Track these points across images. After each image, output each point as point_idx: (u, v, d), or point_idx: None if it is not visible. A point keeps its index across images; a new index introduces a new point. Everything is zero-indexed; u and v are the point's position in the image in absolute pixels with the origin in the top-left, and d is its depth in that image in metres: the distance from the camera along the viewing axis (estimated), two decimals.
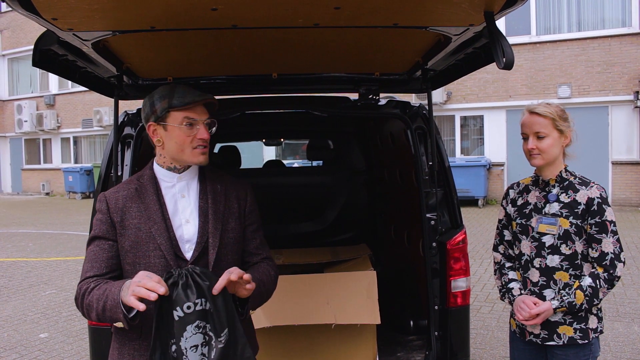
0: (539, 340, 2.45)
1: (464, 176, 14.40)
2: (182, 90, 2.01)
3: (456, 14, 2.01)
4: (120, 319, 1.79)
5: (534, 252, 2.44)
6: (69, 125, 23.40)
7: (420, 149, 3.20)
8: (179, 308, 1.74)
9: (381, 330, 3.34)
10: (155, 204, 2.02)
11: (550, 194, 2.44)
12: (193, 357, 1.74)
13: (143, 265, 1.96)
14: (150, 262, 1.96)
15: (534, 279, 2.45)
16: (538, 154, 2.41)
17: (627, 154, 14.24)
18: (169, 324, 1.74)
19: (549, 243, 2.40)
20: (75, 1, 1.73)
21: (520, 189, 2.59)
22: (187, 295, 1.75)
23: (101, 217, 2.02)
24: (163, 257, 1.96)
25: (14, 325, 5.93)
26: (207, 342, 1.76)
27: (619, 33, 14.23)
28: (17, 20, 23.41)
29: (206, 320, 1.77)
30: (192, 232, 2.04)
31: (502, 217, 2.64)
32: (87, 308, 1.91)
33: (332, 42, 2.48)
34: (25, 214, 17.12)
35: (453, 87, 15.48)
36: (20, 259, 9.66)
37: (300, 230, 5.14)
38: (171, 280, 1.76)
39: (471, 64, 2.69)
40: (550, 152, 2.40)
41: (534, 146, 2.40)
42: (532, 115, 2.42)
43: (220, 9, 1.89)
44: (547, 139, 2.39)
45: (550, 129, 2.39)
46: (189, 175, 2.11)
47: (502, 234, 2.65)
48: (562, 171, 2.45)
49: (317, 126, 5.13)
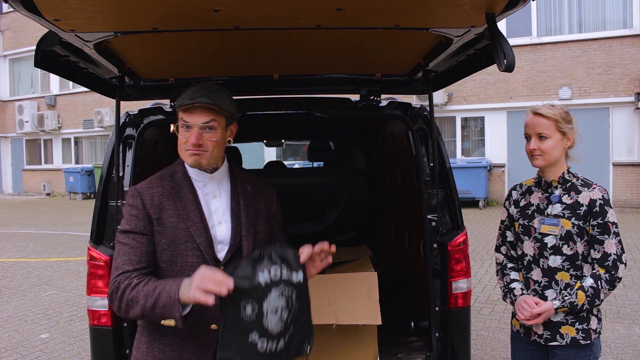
0: (542, 340, 2.46)
1: (464, 177, 14.41)
2: (191, 91, 1.99)
3: (457, 16, 2.02)
4: (174, 317, 1.81)
5: (537, 253, 2.45)
6: (69, 125, 23.42)
7: (421, 150, 3.20)
8: (267, 271, 1.81)
9: (382, 331, 3.34)
10: (192, 203, 2.04)
11: (553, 195, 2.45)
12: (273, 319, 1.82)
13: (180, 264, 1.98)
14: (187, 261, 1.98)
15: (537, 279, 2.47)
16: (540, 155, 2.42)
17: (628, 155, 14.24)
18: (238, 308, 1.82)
19: (551, 244, 2.41)
20: (78, 2, 1.73)
21: (523, 190, 2.61)
22: (274, 261, 1.84)
23: (136, 212, 2.00)
24: (202, 257, 1.99)
25: (15, 326, 5.94)
26: (288, 307, 1.85)
27: (620, 34, 14.23)
28: (19, 21, 23.44)
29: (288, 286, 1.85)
30: (224, 233, 2.06)
31: (505, 218, 2.66)
32: (129, 303, 1.89)
33: (334, 43, 2.49)
34: (26, 214, 17.13)
35: (454, 88, 15.48)
36: (21, 260, 9.67)
37: (301, 231, 5.14)
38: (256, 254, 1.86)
39: (472, 65, 2.69)
40: (551, 153, 2.41)
41: (536, 147, 2.42)
42: (536, 116, 2.43)
43: (222, 10, 1.89)
44: (549, 140, 2.40)
45: (552, 131, 2.40)
46: (220, 175, 2.13)
47: (504, 234, 2.66)
48: (564, 173, 2.46)
49: (318, 127, 5.13)
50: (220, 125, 2.02)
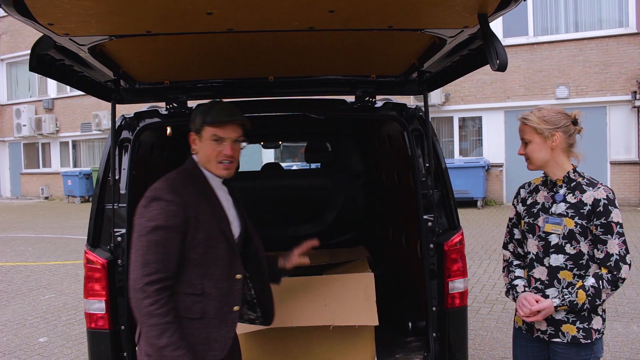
0: (546, 336, 2.47)
1: (462, 177, 14.42)
2: (218, 109, 2.26)
3: (450, 16, 2.03)
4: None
5: (541, 251, 2.47)
6: (67, 129, 23.39)
7: (417, 150, 3.21)
8: None
9: (379, 331, 3.34)
10: (218, 202, 2.30)
11: (557, 194, 2.47)
12: None
13: (212, 255, 2.23)
14: (218, 253, 2.24)
15: (540, 277, 2.48)
16: (527, 159, 2.51)
17: (626, 154, 14.26)
18: None
19: (554, 242, 2.43)
20: (71, 6, 1.74)
21: (530, 189, 2.63)
22: None
23: (175, 209, 2.14)
24: (231, 249, 2.28)
25: (13, 330, 5.93)
26: None
27: (617, 33, 14.25)
28: (16, 25, 23.40)
29: None
30: (237, 230, 2.38)
31: (513, 215, 2.68)
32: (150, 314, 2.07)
33: (328, 45, 2.49)
34: (24, 218, 17.11)
35: (451, 88, 15.49)
36: (20, 263, 9.66)
37: (298, 232, 5.14)
38: None
39: (466, 65, 2.71)
40: (535, 156, 2.47)
41: (523, 152, 2.51)
42: (520, 122, 2.51)
43: (215, 13, 1.90)
44: (530, 144, 2.47)
45: (532, 135, 2.46)
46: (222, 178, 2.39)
47: (512, 232, 2.68)
48: (569, 172, 2.48)
49: (315, 129, 5.14)
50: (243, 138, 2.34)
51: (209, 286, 2.23)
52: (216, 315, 2.25)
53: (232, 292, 2.30)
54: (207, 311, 2.23)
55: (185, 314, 2.19)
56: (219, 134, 2.24)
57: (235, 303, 2.31)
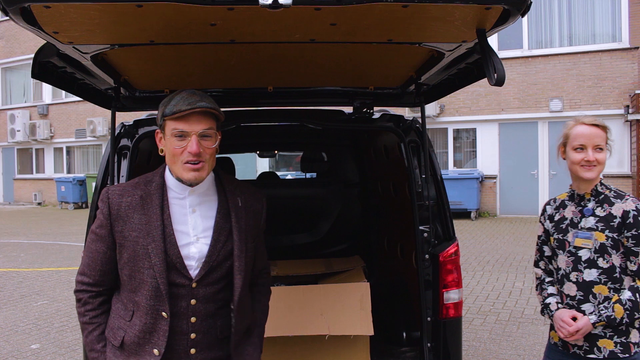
0: (582, 352, 2.43)
1: (456, 189, 14.47)
2: (179, 98, 1.87)
3: (449, 31, 2.06)
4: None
5: (570, 267, 2.45)
6: (62, 135, 23.34)
7: (414, 161, 3.24)
8: None
9: (374, 341, 3.35)
10: (157, 218, 1.90)
11: (586, 208, 2.45)
12: None
13: (137, 280, 1.90)
14: (143, 279, 1.89)
15: (571, 293, 2.45)
16: (595, 166, 2.41)
17: (618, 167, 14.37)
18: None
19: (586, 257, 2.40)
20: (78, 16, 1.76)
21: (557, 205, 2.61)
22: None
23: (102, 219, 1.94)
24: (155, 277, 1.87)
25: (5, 336, 5.89)
26: None
27: (610, 48, 14.42)
28: (11, 30, 23.39)
29: None
30: (202, 250, 1.94)
31: (541, 233, 2.66)
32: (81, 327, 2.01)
33: (328, 57, 2.52)
34: (17, 224, 17.01)
35: (446, 100, 15.58)
36: (12, 270, 9.60)
37: (294, 241, 5.16)
38: None
39: (464, 79, 2.74)
40: (604, 165, 2.43)
41: (594, 158, 2.41)
42: (593, 127, 2.44)
43: (218, 24, 1.93)
44: (604, 152, 2.44)
45: (604, 142, 2.44)
46: (203, 187, 1.98)
47: (541, 249, 2.66)
48: (597, 185, 2.46)
49: (312, 139, 5.17)
50: (214, 132, 1.92)
51: (137, 316, 1.91)
52: (135, 351, 1.93)
53: (155, 331, 1.89)
54: (126, 343, 1.92)
55: (109, 336, 1.97)
56: (180, 127, 1.85)
57: (156, 346, 1.90)
